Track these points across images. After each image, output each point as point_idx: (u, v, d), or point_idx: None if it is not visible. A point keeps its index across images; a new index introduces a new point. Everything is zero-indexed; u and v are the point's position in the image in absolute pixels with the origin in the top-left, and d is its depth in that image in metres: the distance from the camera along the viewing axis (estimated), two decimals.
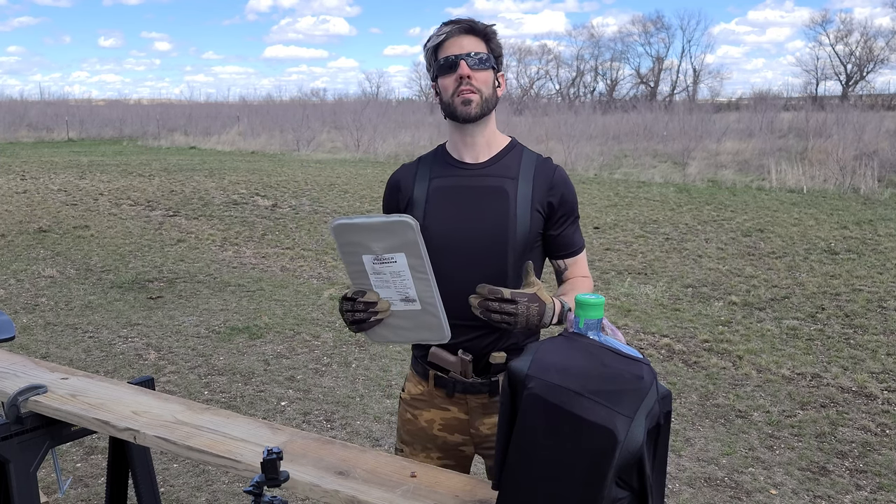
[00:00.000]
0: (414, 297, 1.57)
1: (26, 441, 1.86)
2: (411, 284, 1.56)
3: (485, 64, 1.68)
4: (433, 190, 1.74)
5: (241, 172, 16.41)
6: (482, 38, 1.69)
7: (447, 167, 1.76)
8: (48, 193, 12.91)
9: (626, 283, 6.70)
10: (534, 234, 1.71)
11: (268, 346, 5.07)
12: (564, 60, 56.12)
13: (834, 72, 50.01)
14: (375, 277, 1.57)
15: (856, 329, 5.42)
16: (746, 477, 3.31)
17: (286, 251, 8.26)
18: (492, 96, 1.70)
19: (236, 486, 3.19)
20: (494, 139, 1.76)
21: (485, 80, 1.68)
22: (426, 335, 1.62)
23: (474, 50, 1.67)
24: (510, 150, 1.76)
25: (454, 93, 1.67)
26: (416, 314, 1.59)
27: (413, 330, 1.62)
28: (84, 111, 38.85)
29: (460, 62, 1.66)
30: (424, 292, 1.56)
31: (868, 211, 10.81)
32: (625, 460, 1.11)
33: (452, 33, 1.68)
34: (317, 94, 46.12)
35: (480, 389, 1.74)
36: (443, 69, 1.68)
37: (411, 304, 1.58)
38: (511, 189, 1.70)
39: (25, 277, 7.02)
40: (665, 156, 19.04)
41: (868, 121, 20.53)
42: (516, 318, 1.49)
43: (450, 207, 1.72)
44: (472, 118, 1.68)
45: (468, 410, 1.78)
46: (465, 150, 1.75)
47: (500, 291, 1.50)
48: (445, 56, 1.68)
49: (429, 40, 1.72)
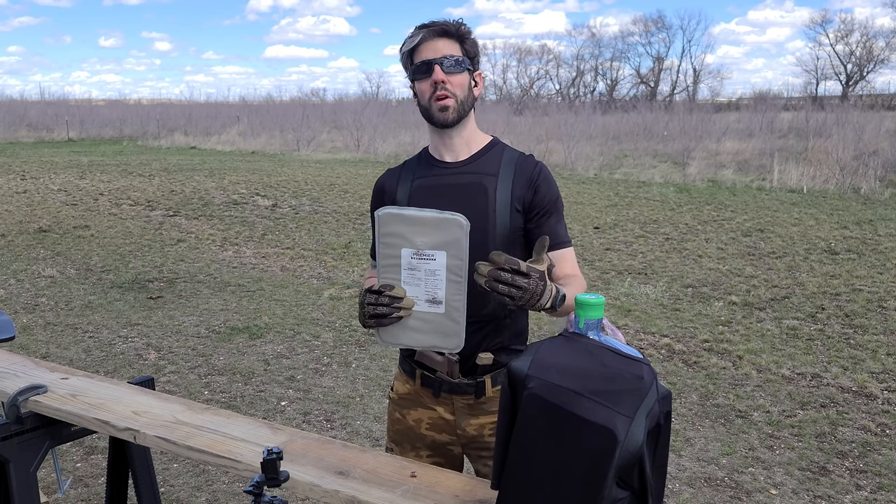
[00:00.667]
0: (441, 300, 1.55)
1: (26, 441, 1.86)
2: (443, 285, 1.54)
3: (459, 66, 1.68)
4: (415, 189, 1.76)
5: (241, 172, 16.41)
6: (456, 39, 1.69)
7: (429, 167, 1.78)
8: (48, 193, 12.91)
9: (626, 283, 6.70)
10: (514, 231, 1.71)
11: (268, 346, 5.07)
12: (564, 60, 56.13)
13: (834, 72, 50.04)
14: (408, 273, 1.55)
15: (856, 329, 5.42)
16: (746, 477, 3.31)
17: (286, 251, 8.27)
18: (467, 98, 1.70)
19: (236, 486, 3.19)
20: (474, 138, 1.77)
21: (460, 84, 1.68)
22: (439, 341, 1.58)
23: (448, 53, 1.67)
24: (491, 149, 1.77)
25: (430, 97, 1.68)
26: (437, 318, 1.56)
27: (428, 334, 1.58)
28: (84, 111, 38.84)
29: (434, 67, 1.66)
30: (454, 296, 1.54)
31: (868, 211, 10.82)
32: (625, 460, 1.11)
33: (426, 37, 1.67)
34: (317, 94, 46.11)
35: (466, 390, 1.75)
36: (418, 73, 1.69)
37: (436, 306, 1.55)
38: (490, 186, 1.70)
39: (25, 277, 7.02)
40: (665, 156, 19.05)
41: (868, 121, 20.55)
42: (524, 292, 1.40)
43: (430, 205, 1.72)
44: (449, 124, 1.70)
45: (454, 411, 1.78)
46: (444, 151, 1.76)
47: (517, 262, 1.41)
48: (420, 60, 1.68)
49: (404, 44, 1.72)
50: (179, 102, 51.73)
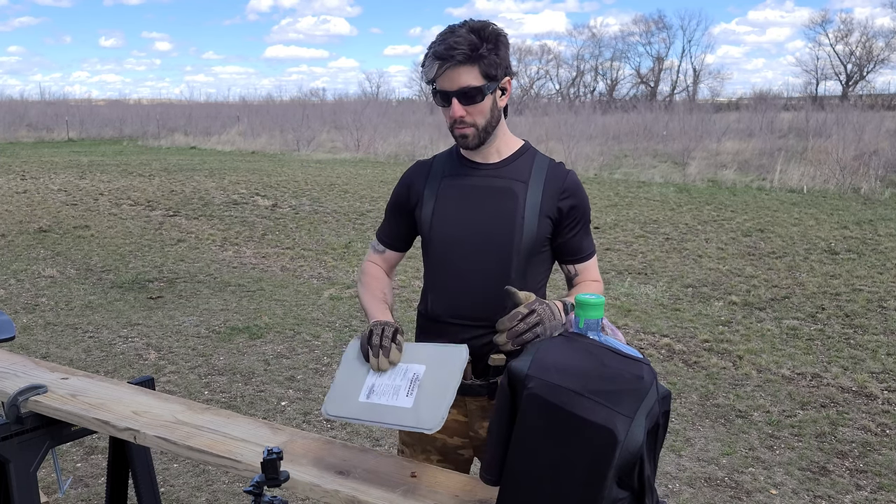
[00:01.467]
0: (418, 378, 1.45)
1: (26, 441, 1.86)
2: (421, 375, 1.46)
3: (478, 98, 1.62)
4: (443, 188, 1.74)
5: (241, 172, 16.41)
6: (476, 62, 1.59)
7: (459, 166, 1.76)
8: (48, 193, 12.91)
9: (626, 283, 6.70)
10: (541, 239, 1.69)
11: (268, 346, 5.07)
12: (564, 60, 56.13)
13: (834, 72, 50.06)
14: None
15: (856, 329, 5.42)
16: (746, 477, 3.31)
17: (286, 251, 8.27)
18: (491, 120, 1.66)
19: (236, 486, 3.19)
20: (505, 144, 1.74)
21: (480, 111, 1.63)
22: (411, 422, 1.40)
23: (466, 84, 1.59)
24: (522, 154, 1.74)
25: (451, 126, 1.67)
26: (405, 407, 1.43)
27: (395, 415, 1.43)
28: (84, 111, 38.83)
29: (452, 100, 1.62)
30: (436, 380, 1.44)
31: (868, 211, 10.81)
32: (625, 460, 1.11)
33: (443, 69, 1.60)
34: (317, 94, 46.11)
35: (479, 392, 1.74)
36: (437, 100, 1.66)
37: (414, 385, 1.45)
38: (521, 192, 1.68)
39: (25, 277, 7.02)
40: (665, 156, 19.04)
41: (868, 121, 20.54)
42: (543, 323, 1.45)
43: (458, 206, 1.72)
44: (471, 148, 1.69)
45: (467, 413, 1.78)
46: (475, 155, 1.74)
47: (518, 312, 1.46)
48: (440, 90, 1.63)
49: (423, 64, 1.65)
50: (179, 102, 51.72)
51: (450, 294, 1.64)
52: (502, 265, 1.67)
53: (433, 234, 1.73)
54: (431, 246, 1.75)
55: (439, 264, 1.74)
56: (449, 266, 1.71)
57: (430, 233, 1.74)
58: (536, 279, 1.72)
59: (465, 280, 1.66)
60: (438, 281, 1.75)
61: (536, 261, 1.71)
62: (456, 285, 1.65)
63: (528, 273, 1.68)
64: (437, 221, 1.72)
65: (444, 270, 1.73)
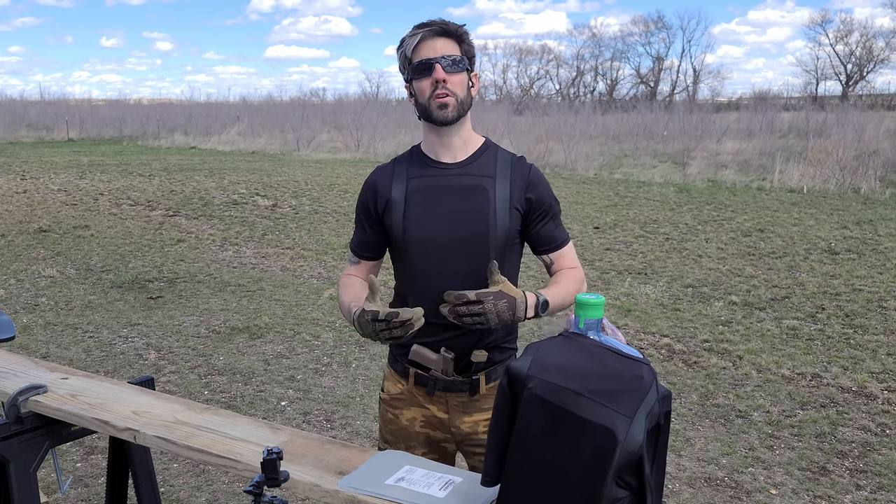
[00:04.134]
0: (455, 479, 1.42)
1: (26, 441, 1.86)
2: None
3: (459, 66, 1.69)
4: (412, 190, 1.75)
5: (241, 172, 16.41)
6: (455, 39, 1.70)
7: (425, 167, 1.77)
8: (48, 193, 12.91)
9: (626, 283, 6.70)
10: (513, 232, 1.74)
11: (268, 346, 5.07)
12: (564, 60, 56.09)
13: (834, 72, 50.01)
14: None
15: (856, 329, 5.42)
16: (746, 477, 3.31)
17: (286, 251, 8.27)
18: (466, 98, 1.71)
19: (236, 486, 3.19)
20: (470, 139, 1.78)
21: (460, 83, 1.70)
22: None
23: (448, 53, 1.68)
24: (485, 150, 1.78)
25: (430, 96, 1.68)
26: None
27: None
28: (84, 111, 38.80)
29: (435, 66, 1.67)
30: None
31: (868, 211, 10.81)
32: (625, 460, 1.11)
33: (426, 36, 1.68)
34: (317, 94, 46.06)
35: (461, 388, 1.76)
36: (417, 72, 1.69)
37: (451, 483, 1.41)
38: (490, 187, 1.72)
39: (25, 277, 7.02)
40: (665, 156, 19.04)
41: (868, 121, 20.55)
42: (486, 316, 1.54)
43: (430, 207, 1.73)
44: (449, 121, 1.70)
45: (448, 409, 1.79)
46: (441, 151, 1.76)
47: (465, 295, 1.54)
48: (420, 59, 1.68)
49: (402, 42, 1.72)
50: (180, 102, 51.66)
51: (430, 295, 1.64)
52: (479, 261, 1.68)
53: (408, 237, 1.74)
54: (407, 249, 1.75)
55: (417, 266, 1.75)
56: (428, 267, 1.72)
57: (403, 235, 1.74)
58: (511, 271, 1.77)
59: (445, 279, 1.66)
60: (418, 283, 1.75)
61: (510, 253, 1.76)
62: (436, 285, 1.65)
63: (505, 266, 1.71)
64: (410, 224, 1.73)
65: (423, 272, 1.74)
